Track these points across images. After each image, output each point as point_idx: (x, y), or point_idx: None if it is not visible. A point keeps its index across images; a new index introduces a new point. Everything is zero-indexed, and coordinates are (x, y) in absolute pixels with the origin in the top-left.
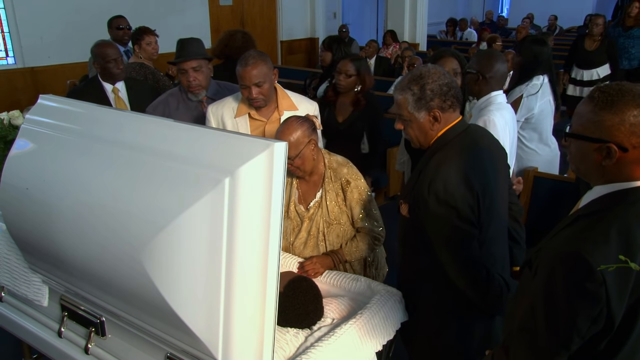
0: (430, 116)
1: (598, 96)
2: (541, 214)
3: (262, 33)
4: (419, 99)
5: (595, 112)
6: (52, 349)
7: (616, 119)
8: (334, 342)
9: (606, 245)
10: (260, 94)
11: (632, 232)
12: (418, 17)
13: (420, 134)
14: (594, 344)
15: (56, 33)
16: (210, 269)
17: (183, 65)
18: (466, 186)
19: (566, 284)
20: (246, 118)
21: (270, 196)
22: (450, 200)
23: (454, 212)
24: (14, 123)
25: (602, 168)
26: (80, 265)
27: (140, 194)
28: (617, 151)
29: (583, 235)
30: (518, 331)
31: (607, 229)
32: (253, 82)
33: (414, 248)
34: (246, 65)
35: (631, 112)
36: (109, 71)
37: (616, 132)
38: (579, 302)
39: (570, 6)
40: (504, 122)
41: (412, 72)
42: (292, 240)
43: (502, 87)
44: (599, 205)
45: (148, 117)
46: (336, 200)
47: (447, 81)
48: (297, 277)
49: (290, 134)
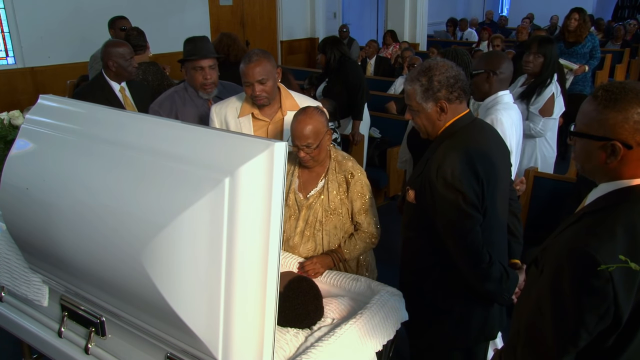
0: (437, 107)
1: (601, 95)
2: (541, 213)
3: (262, 33)
4: (426, 89)
5: (599, 111)
6: (52, 349)
7: (620, 117)
8: (334, 342)
9: (612, 242)
10: (264, 92)
11: (637, 228)
12: (418, 17)
13: (428, 124)
14: (602, 340)
15: (56, 33)
16: (210, 269)
17: (200, 63)
18: (472, 172)
19: (573, 281)
20: (249, 118)
21: (270, 196)
22: (457, 184)
23: (460, 196)
24: (14, 123)
25: (606, 166)
26: (80, 265)
27: (140, 194)
28: (622, 148)
29: (589, 233)
30: (525, 329)
31: (613, 226)
32: (256, 79)
33: (418, 232)
34: (249, 62)
35: (635, 109)
36: (124, 69)
37: (620, 130)
38: (586, 299)
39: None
40: (511, 122)
41: (422, 64)
42: (286, 228)
43: (507, 87)
44: (604, 203)
45: (148, 117)
46: (338, 190)
47: (454, 73)
48: (297, 277)
49: (312, 123)
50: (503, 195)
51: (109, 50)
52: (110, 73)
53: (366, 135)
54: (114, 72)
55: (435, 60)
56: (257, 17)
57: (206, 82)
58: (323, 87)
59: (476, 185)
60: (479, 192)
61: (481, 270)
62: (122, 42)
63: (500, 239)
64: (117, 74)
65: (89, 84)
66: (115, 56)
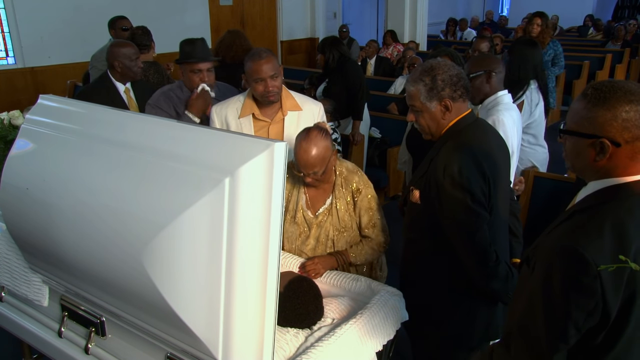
0: (441, 105)
1: (591, 93)
2: (541, 213)
3: (262, 33)
4: (430, 89)
5: (588, 109)
6: (52, 349)
7: (609, 115)
8: (334, 342)
9: (600, 240)
10: (276, 87)
11: (625, 226)
12: (418, 17)
13: (432, 124)
14: (591, 338)
15: (56, 33)
16: (210, 269)
17: (199, 66)
18: (479, 171)
19: (562, 278)
20: (250, 118)
21: (270, 196)
22: (465, 183)
23: (468, 195)
24: (14, 123)
25: (596, 164)
26: (80, 265)
27: (140, 194)
28: (610, 146)
29: (578, 230)
30: (518, 327)
31: (601, 223)
32: (269, 75)
33: (421, 233)
34: (260, 58)
35: (623, 107)
36: (129, 70)
37: (609, 128)
38: (575, 296)
39: (570, 6)
40: (512, 122)
41: (423, 65)
42: (298, 245)
43: (504, 87)
44: (593, 201)
45: (148, 117)
46: (347, 207)
47: (456, 72)
48: (297, 277)
49: (317, 151)
50: (505, 194)
51: (114, 51)
52: (115, 73)
53: (366, 135)
54: (119, 73)
55: (436, 60)
56: (257, 17)
57: None
58: (323, 87)
59: (483, 184)
60: (486, 190)
61: (488, 269)
62: (128, 42)
63: (502, 238)
64: (123, 74)
65: (93, 84)
66: (120, 56)
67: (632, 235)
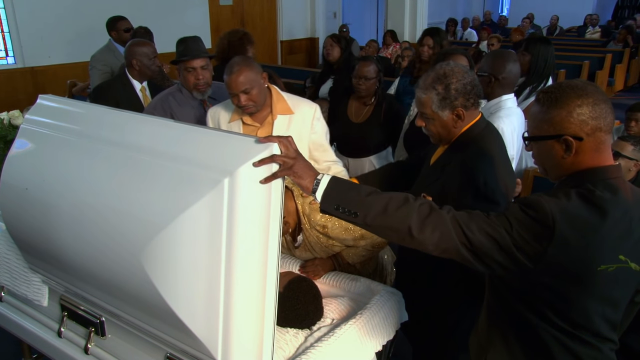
0: (454, 114)
1: (542, 97)
2: None
3: (262, 33)
4: (443, 98)
5: (544, 112)
6: (52, 349)
7: (564, 113)
8: (333, 342)
9: (568, 200)
10: (250, 101)
11: (595, 194)
12: (418, 17)
13: (443, 131)
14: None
15: (56, 33)
16: (209, 269)
17: (192, 64)
18: (501, 181)
19: (517, 211)
20: (239, 124)
21: (270, 196)
22: (490, 194)
23: (493, 207)
24: (14, 123)
25: (565, 161)
26: (80, 265)
27: (139, 194)
28: (574, 142)
29: (544, 194)
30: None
31: (569, 191)
32: (240, 90)
33: None
34: (231, 73)
35: (575, 103)
36: (147, 68)
37: (567, 125)
38: (524, 220)
39: (570, 6)
40: (512, 129)
41: (435, 70)
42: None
43: (513, 89)
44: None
45: (147, 118)
46: (321, 243)
47: (470, 80)
48: (297, 277)
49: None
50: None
51: (133, 49)
52: (133, 72)
53: None
54: (137, 71)
55: (449, 65)
56: (257, 17)
57: (199, 82)
58: (329, 87)
59: (505, 193)
60: (504, 202)
61: None
62: (146, 41)
63: None
64: (141, 72)
65: (111, 80)
66: (139, 55)
67: (599, 204)
